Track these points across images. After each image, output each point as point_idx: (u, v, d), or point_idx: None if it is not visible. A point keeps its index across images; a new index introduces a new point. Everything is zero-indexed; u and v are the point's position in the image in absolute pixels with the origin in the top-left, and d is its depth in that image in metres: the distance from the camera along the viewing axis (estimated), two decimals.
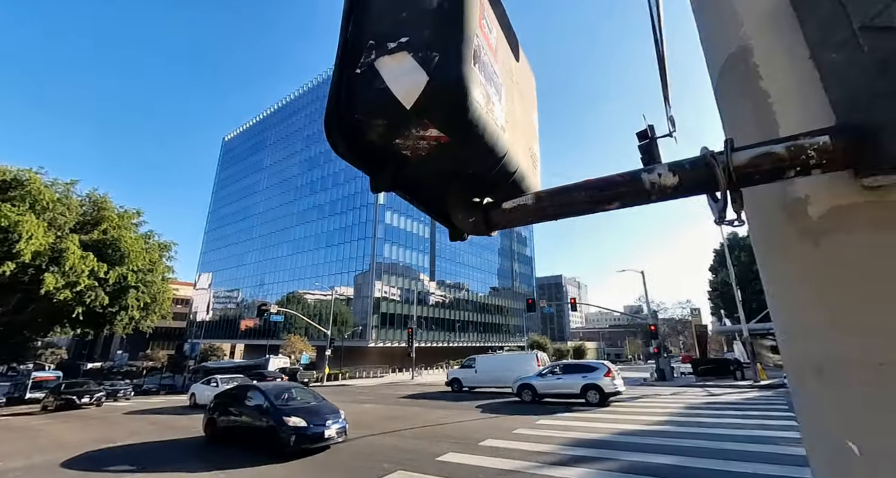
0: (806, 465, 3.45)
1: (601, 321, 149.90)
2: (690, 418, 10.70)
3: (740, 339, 34.36)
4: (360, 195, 57.84)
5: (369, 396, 21.54)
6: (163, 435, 11.15)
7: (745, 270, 37.77)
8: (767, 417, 10.31)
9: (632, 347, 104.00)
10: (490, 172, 0.88)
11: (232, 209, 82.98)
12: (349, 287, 54.76)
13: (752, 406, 12.46)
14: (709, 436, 8.26)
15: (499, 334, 73.62)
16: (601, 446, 7.71)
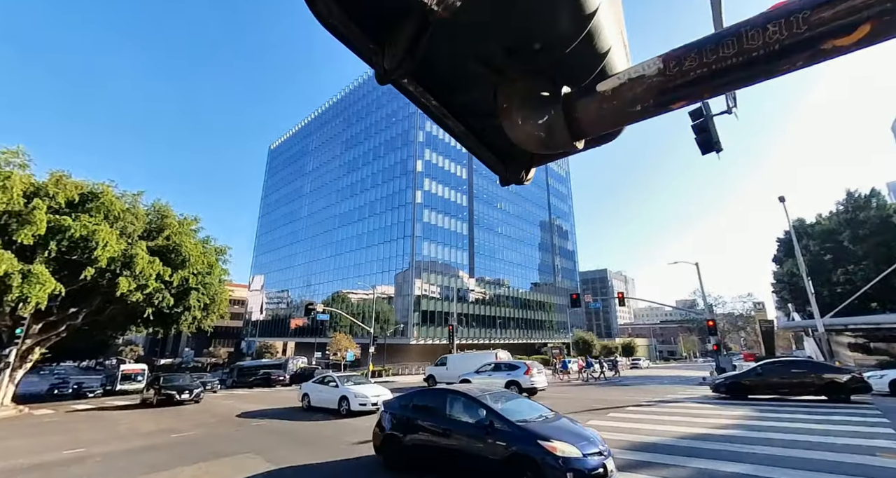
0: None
1: (651, 317, 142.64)
2: (761, 421, 9.73)
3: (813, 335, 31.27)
4: (398, 195, 58.74)
5: None
6: (304, 453, 7.94)
7: (815, 259, 34.25)
8: (854, 422, 9.15)
9: (686, 344, 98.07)
10: (569, 46, 0.51)
11: (279, 214, 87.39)
12: (390, 286, 55.83)
13: (837, 410, 11.15)
14: (783, 443, 7.43)
15: (542, 331, 72.09)
16: (657, 451, 7.16)
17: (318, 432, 10.25)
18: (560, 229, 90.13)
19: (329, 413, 13.57)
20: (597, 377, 29.31)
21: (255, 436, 10.04)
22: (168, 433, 10.81)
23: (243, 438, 9.83)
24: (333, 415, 13.24)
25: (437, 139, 61.50)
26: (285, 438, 9.63)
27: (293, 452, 8.09)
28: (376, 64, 0.47)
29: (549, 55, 0.48)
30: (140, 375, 29.29)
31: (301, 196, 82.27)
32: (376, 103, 69.34)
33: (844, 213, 35.35)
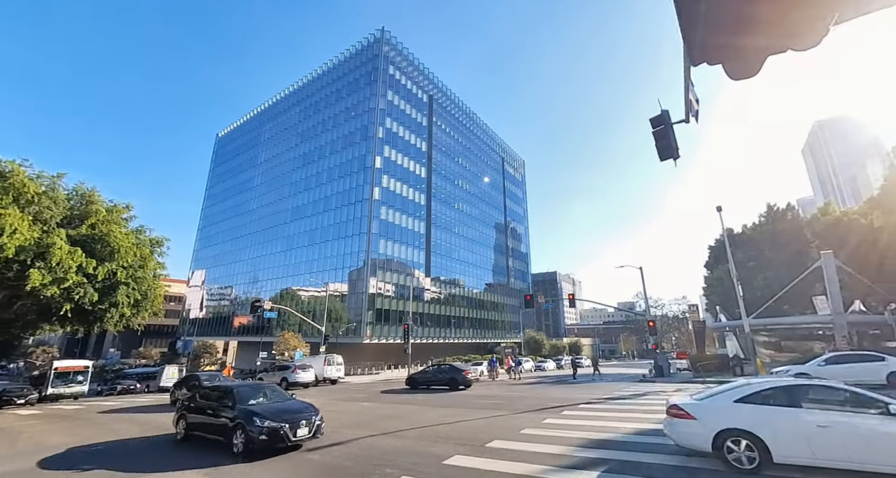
0: None
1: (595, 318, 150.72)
2: None
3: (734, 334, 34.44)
4: (355, 191, 57.19)
5: (365, 393, 21.19)
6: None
7: (740, 266, 37.78)
8: None
9: (626, 343, 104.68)
10: None
11: (226, 205, 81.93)
12: (343, 283, 54.24)
13: None
14: None
15: (494, 331, 73.55)
16: (613, 447, 7.39)
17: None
18: (514, 232, 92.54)
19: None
20: (519, 376, 30.45)
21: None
22: None
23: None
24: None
25: (396, 136, 60.68)
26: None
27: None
28: None
29: None
30: (83, 374, 25.18)
31: (251, 188, 77.71)
32: (335, 96, 67.10)
33: (766, 224, 39.37)
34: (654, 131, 7.57)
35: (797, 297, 30.64)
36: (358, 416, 12.79)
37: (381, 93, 59.55)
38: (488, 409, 13.27)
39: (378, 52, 61.91)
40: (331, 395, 20.76)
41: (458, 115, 79.34)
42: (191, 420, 9.75)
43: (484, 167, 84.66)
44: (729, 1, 1.21)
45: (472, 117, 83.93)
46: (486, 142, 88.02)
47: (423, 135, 67.35)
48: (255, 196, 75.62)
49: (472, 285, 71.16)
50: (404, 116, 63.47)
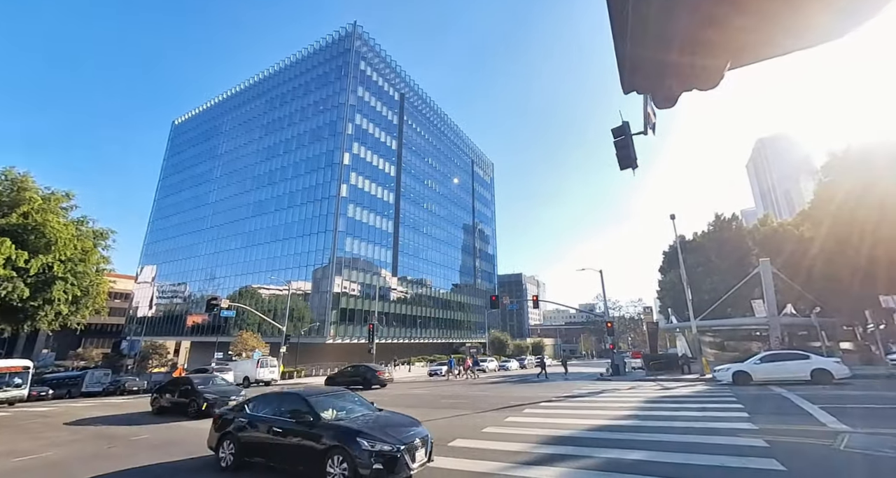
0: (764, 455, 3.29)
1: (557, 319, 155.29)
2: (651, 411, 11.04)
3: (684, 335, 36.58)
4: (321, 187, 55.74)
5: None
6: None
7: (690, 271, 40.29)
8: (719, 408, 10.84)
9: (586, 343, 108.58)
10: None
11: (181, 198, 77.36)
12: (307, 282, 52.73)
13: (705, 399, 13.12)
14: (672, 429, 8.48)
15: (460, 331, 74.08)
16: (571, 444, 7.66)
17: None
18: (482, 233, 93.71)
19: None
20: (473, 376, 31.32)
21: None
22: None
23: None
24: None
25: (366, 133, 59.76)
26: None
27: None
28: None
29: None
30: (21, 375, 21.85)
31: (209, 180, 73.84)
32: (304, 89, 65.11)
33: (713, 232, 42.17)
34: (615, 141, 7.94)
35: (740, 300, 33.05)
36: None
37: (352, 88, 58.46)
38: (451, 408, 13.35)
39: (349, 47, 60.73)
40: None
41: (430, 114, 79.30)
42: (245, 440, 6.88)
43: (453, 168, 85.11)
44: (644, 48, 1.42)
45: (443, 118, 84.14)
46: (456, 143, 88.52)
47: (394, 133, 66.76)
48: (214, 189, 71.96)
49: (439, 285, 71.32)
50: (375, 114, 62.63)
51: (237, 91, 77.35)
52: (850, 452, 6.31)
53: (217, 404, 13.01)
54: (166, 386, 15.68)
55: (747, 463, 5.88)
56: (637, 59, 1.46)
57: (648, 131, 7.98)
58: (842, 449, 6.45)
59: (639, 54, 1.43)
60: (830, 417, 8.96)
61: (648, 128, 7.79)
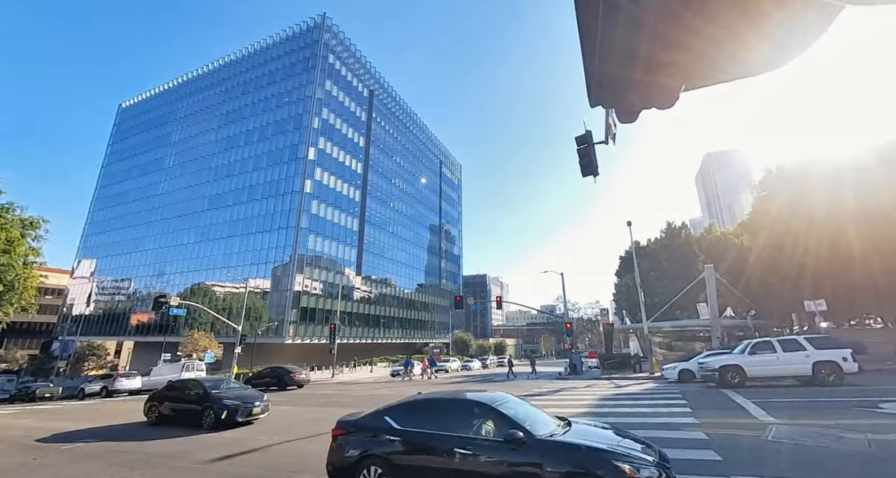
0: (703, 447, 3.59)
1: (520, 319, 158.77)
2: (605, 408, 11.56)
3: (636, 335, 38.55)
4: (284, 181, 53.82)
5: (285, 397, 20.03)
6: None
7: (644, 275, 42.61)
8: (666, 404, 11.55)
9: (546, 343, 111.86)
10: None
11: (127, 187, 72.00)
12: (266, 279, 50.74)
13: (655, 395, 13.91)
14: (625, 425, 8.92)
15: (424, 331, 74.01)
16: None
17: None
18: (448, 234, 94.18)
19: None
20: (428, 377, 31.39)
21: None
22: None
23: None
24: None
25: (333, 128, 58.39)
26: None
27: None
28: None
29: None
30: None
31: (160, 169, 69.28)
32: (268, 78, 62.61)
33: (665, 239, 44.78)
34: (578, 149, 8.27)
35: (687, 303, 35.30)
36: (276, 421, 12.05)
37: (319, 82, 56.91)
38: None
39: (318, 39, 59.10)
40: None
41: (399, 113, 78.72)
42: (396, 461, 4.90)
43: (421, 168, 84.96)
44: (610, 66, 1.53)
45: (412, 117, 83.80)
46: (425, 143, 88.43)
47: (362, 130, 65.69)
48: (166, 179, 67.60)
49: (404, 285, 70.91)
50: (342, 109, 61.32)
51: (194, 76, 73.14)
52: (777, 442, 6.93)
53: (241, 411, 11.05)
54: (167, 391, 13.09)
55: (690, 455, 6.30)
56: (603, 76, 1.57)
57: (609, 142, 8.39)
58: (770, 440, 7.07)
59: (605, 72, 1.54)
60: (761, 410, 9.78)
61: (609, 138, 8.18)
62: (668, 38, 1.34)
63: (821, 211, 21.99)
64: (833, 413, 8.95)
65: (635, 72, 1.46)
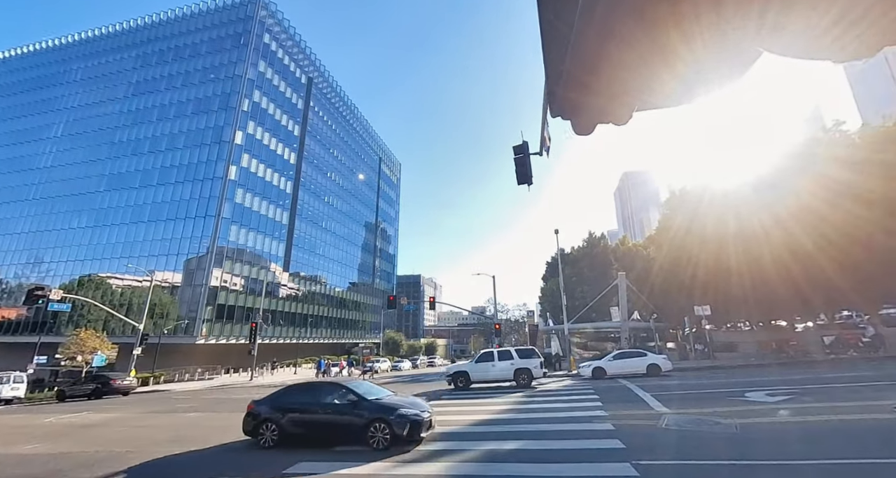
0: (609, 437, 4.09)
1: (451, 320, 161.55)
2: (526, 405, 12.25)
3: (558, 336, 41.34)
4: (205, 166, 48.96)
5: (193, 402, 18.20)
6: None
7: (567, 280, 45.93)
8: (581, 400, 12.57)
9: (475, 344, 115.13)
10: None
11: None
12: (177, 273, 45.72)
13: (571, 391, 15.05)
14: (541, 420, 9.55)
15: (354, 331, 72.04)
16: (454, 438, 8.09)
17: None
18: (384, 232, 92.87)
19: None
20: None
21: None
22: None
23: None
24: None
25: (265, 113, 54.48)
26: None
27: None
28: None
29: None
30: None
31: (42, 139, 59.12)
32: (191, 50, 56.56)
33: (586, 248, 48.68)
34: (514, 158, 8.69)
35: (603, 307, 38.73)
36: (182, 429, 10.89)
37: (252, 61, 52.76)
38: None
39: (252, 14, 54.77)
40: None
41: (339, 105, 75.92)
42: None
43: (360, 163, 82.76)
44: (573, 87, 1.66)
45: (353, 110, 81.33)
46: (364, 138, 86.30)
47: (297, 118, 62.18)
48: (51, 151, 57.84)
49: (336, 284, 68.39)
50: (277, 93, 57.50)
51: (99, 35, 63.64)
52: (669, 429, 7.91)
53: (423, 424, 7.79)
54: (289, 395, 8.90)
55: (598, 444, 6.95)
56: (566, 94, 1.68)
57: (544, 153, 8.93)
58: (664, 428, 8.04)
59: (568, 92, 1.64)
60: (658, 402, 11.08)
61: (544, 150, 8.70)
62: (626, 66, 1.49)
63: (710, 229, 25.57)
64: (712, 403, 10.44)
65: (597, 94, 1.59)
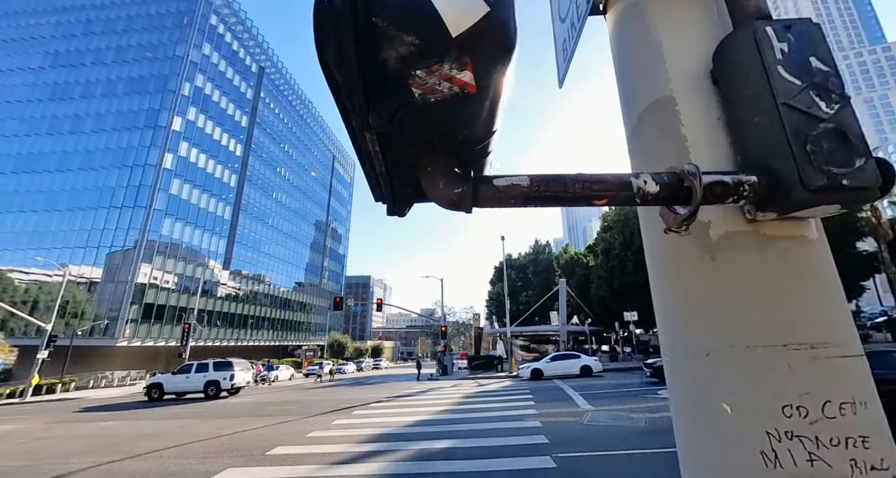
0: (537, 433, 4.68)
1: (399, 322, 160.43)
2: (464, 405, 12.70)
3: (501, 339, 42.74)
4: (136, 151, 44.99)
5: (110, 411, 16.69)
6: None
7: (513, 285, 47.72)
8: (516, 399, 13.26)
9: (422, 346, 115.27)
10: (478, 146, 0.81)
11: None
12: (97, 267, 41.53)
13: (508, 392, 15.77)
14: (476, 419, 10.00)
15: (298, 332, 69.34)
16: (390, 439, 8.28)
17: None
18: (335, 232, 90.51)
19: None
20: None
21: None
22: None
23: None
24: None
25: (209, 100, 51.19)
26: None
27: None
28: (360, 116, 0.63)
29: (462, 147, 0.81)
30: None
31: None
32: (125, 24, 51.84)
33: (532, 254, 50.84)
34: None
35: (545, 311, 40.67)
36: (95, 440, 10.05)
37: (196, 42, 49.39)
38: (277, 415, 12.57)
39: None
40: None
41: (292, 97, 73.08)
42: None
43: (312, 160, 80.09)
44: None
45: (306, 104, 78.66)
46: (318, 135, 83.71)
47: (246, 108, 59.02)
48: None
49: (281, 283, 65.46)
50: (223, 80, 54.23)
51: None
52: (590, 425, 8.68)
53: None
54: None
55: (526, 440, 7.48)
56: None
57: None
58: (585, 423, 8.80)
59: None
60: (584, 400, 12.01)
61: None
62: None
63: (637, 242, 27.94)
64: (630, 400, 11.51)
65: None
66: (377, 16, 0.55)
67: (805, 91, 0.78)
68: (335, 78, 0.60)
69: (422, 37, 0.56)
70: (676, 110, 0.99)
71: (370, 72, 0.60)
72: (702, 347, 0.88)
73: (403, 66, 0.60)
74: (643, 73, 1.10)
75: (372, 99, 0.64)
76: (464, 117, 0.72)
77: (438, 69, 0.60)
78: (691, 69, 0.99)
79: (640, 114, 1.10)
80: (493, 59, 0.60)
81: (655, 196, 0.81)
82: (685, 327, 0.95)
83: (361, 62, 0.58)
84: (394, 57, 0.58)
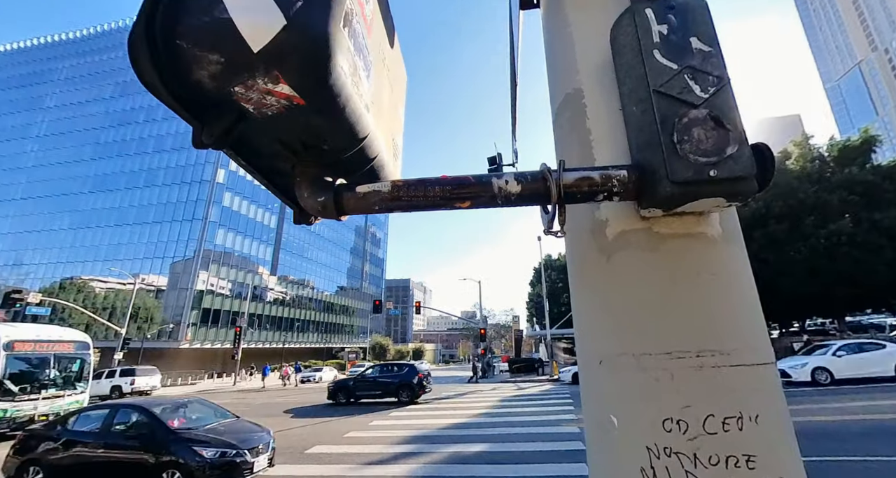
0: (573, 439, 4.48)
1: (440, 325, 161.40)
2: (502, 409, 12.50)
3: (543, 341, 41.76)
4: (193, 168, 48.69)
5: None
6: None
7: (554, 286, 46.43)
8: (555, 404, 12.86)
9: (464, 348, 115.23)
10: (347, 153, 0.81)
11: None
12: (162, 276, 45.28)
13: (547, 396, 15.34)
14: (512, 424, 9.81)
15: (342, 335, 71.68)
16: (424, 441, 8.30)
17: None
18: (374, 237, 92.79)
19: None
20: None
21: None
22: None
23: None
24: None
25: None
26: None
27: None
28: (195, 133, 0.65)
29: (331, 156, 0.79)
30: (75, 359, 11.61)
31: (26, 138, 58.18)
32: None
33: None
34: (489, 169, 9.06)
35: None
36: None
37: None
38: (314, 416, 13.03)
39: None
40: None
41: None
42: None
43: None
44: None
45: None
46: None
47: None
48: (34, 150, 56.92)
49: (324, 287, 68.06)
50: None
51: (86, 34, 63.01)
52: None
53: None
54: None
55: (561, 446, 7.22)
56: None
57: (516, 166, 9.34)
58: None
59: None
60: None
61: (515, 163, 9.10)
62: None
63: None
64: None
65: None
66: (181, 38, 0.56)
67: (679, 75, 0.72)
68: (162, 99, 0.61)
69: (226, 55, 0.57)
70: (583, 103, 0.94)
71: (190, 92, 0.61)
72: (595, 356, 0.82)
73: (219, 84, 0.60)
74: (559, 67, 1.05)
75: (206, 117, 0.64)
76: (312, 128, 0.70)
77: (254, 84, 0.60)
78: (598, 61, 0.93)
79: (556, 109, 1.04)
80: (306, 71, 0.60)
81: (518, 196, 0.78)
82: (582, 334, 0.90)
83: (176, 84, 0.59)
84: (206, 76, 0.59)
